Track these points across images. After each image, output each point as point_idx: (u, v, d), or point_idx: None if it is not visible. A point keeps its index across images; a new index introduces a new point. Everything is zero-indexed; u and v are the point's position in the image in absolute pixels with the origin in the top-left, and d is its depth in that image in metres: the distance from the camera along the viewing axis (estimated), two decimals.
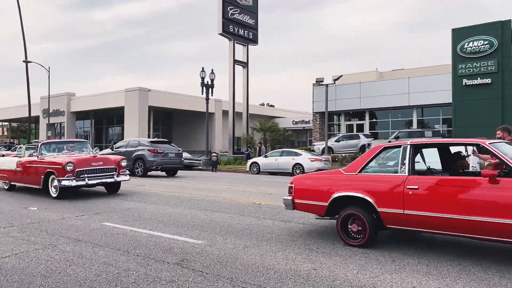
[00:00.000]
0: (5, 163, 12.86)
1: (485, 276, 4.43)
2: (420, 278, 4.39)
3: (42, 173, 10.75)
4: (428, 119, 32.36)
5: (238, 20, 32.60)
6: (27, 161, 11.57)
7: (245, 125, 34.21)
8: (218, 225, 7.16)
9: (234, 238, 6.24)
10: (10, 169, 12.20)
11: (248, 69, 34.06)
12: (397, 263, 4.91)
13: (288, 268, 4.71)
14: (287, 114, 56.40)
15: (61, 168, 10.26)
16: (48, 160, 10.93)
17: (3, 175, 12.65)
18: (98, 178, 10.91)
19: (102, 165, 11.03)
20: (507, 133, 7.40)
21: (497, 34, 26.25)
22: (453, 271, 4.60)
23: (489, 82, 26.45)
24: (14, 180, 12.20)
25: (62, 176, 10.23)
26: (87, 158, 11.04)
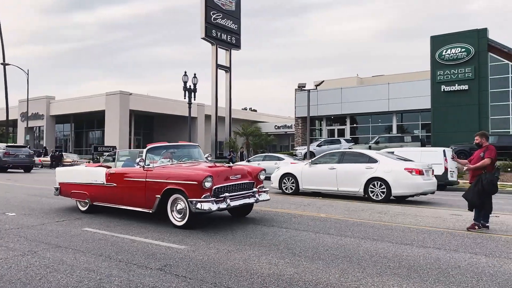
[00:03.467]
0: (84, 174, 9.22)
1: (463, 279, 4.54)
2: (401, 281, 4.47)
3: (158, 191, 7.46)
4: (408, 124, 32.92)
5: (221, 25, 32.65)
6: (126, 173, 8.25)
7: (228, 130, 34.20)
8: (201, 231, 7.15)
9: (217, 243, 6.24)
10: (95, 184, 8.76)
11: (231, 73, 34.11)
12: (379, 267, 4.99)
13: (271, 273, 4.74)
14: (269, 118, 56.59)
15: (196, 184, 6.96)
16: (168, 172, 7.63)
17: (81, 191, 9.06)
18: (239, 197, 7.67)
19: (240, 179, 7.85)
20: (485, 139, 7.59)
21: (474, 42, 26.96)
22: (432, 274, 4.70)
23: (466, 88, 27.12)
24: (101, 199, 8.69)
25: (197, 196, 6.97)
26: (223, 169, 7.72)
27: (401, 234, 7.03)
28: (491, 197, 7.46)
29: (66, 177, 9.67)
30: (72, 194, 9.37)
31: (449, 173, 16.36)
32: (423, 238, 6.67)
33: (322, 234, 6.95)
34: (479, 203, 7.31)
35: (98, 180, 8.66)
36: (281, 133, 48.08)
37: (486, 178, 7.19)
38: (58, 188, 9.77)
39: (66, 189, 9.53)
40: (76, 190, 9.19)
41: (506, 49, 25.96)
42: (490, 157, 7.21)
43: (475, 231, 7.28)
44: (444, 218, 8.75)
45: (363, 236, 6.81)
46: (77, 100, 45.40)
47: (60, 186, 9.73)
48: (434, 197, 13.28)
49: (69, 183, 9.45)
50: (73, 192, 9.31)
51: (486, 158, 7.21)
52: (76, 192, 9.23)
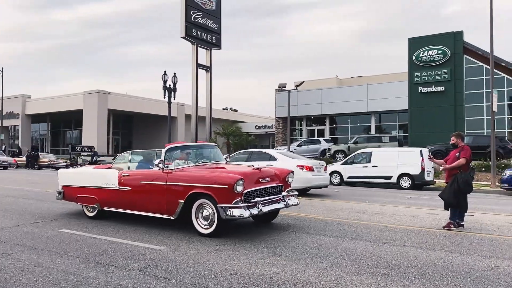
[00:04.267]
0: (93, 177, 8.39)
1: (438, 277, 4.64)
2: (379, 279, 4.53)
3: (181, 196, 6.75)
4: (386, 124, 33.44)
5: (201, 24, 32.48)
6: (143, 176, 7.52)
7: (208, 130, 34.03)
8: (180, 231, 7.10)
9: (197, 243, 6.21)
10: (105, 188, 7.96)
11: (212, 73, 33.96)
12: (357, 265, 5.06)
13: (251, 273, 4.75)
14: (250, 118, 56.62)
15: (227, 188, 6.30)
16: (193, 175, 6.92)
17: (89, 196, 8.23)
18: (270, 202, 7.00)
19: (270, 182, 7.15)
20: (460, 139, 7.76)
21: (450, 44, 27.57)
22: (409, 272, 4.79)
23: (443, 90, 27.70)
24: (112, 204, 7.89)
25: (227, 201, 6.30)
26: (253, 172, 6.97)
27: (379, 233, 7.13)
28: (466, 197, 7.64)
29: (71, 179, 8.84)
30: (78, 199, 8.51)
31: (426, 173, 16.70)
32: (401, 237, 6.79)
33: (302, 233, 7.00)
34: (454, 202, 7.48)
35: (110, 184, 7.86)
36: (261, 133, 48.19)
37: (462, 177, 7.36)
38: (61, 192, 8.88)
39: (71, 193, 8.68)
40: (83, 194, 8.36)
41: (481, 52, 26.62)
42: (465, 157, 7.38)
43: (450, 229, 7.44)
44: (421, 217, 8.92)
45: (342, 235, 6.89)
46: (53, 99, 44.55)
47: (64, 189, 8.85)
48: (412, 197, 13.54)
49: (75, 186, 8.61)
50: (80, 197, 8.45)
51: (462, 158, 7.38)
52: (83, 197, 8.38)
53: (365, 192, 15.03)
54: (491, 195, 15.17)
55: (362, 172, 17.82)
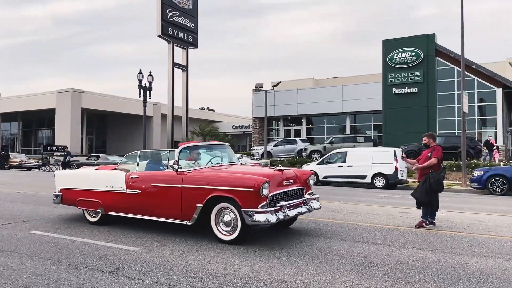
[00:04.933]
0: (96, 180, 7.69)
1: (411, 274, 4.74)
2: (353, 277, 4.60)
3: (199, 200, 6.23)
4: (361, 125, 33.96)
5: (178, 23, 32.24)
6: (154, 178, 6.95)
7: (185, 129, 33.80)
8: (155, 232, 7.02)
9: (172, 244, 6.16)
10: (111, 191, 7.32)
11: (188, 72, 33.75)
12: (331, 264, 5.11)
13: (226, 273, 4.74)
14: (227, 118, 56.54)
15: (252, 192, 5.82)
16: (212, 177, 6.39)
17: (92, 200, 7.59)
18: (295, 206, 6.57)
19: (292, 185, 6.72)
20: (432, 139, 7.94)
21: (423, 47, 28.19)
22: (382, 270, 4.87)
23: (416, 91, 28.30)
24: (119, 208, 7.28)
25: (253, 205, 5.83)
26: (276, 173, 6.51)
27: (353, 231, 7.23)
28: (438, 195, 7.83)
29: (70, 182, 8.14)
30: (79, 203, 7.84)
31: (399, 173, 17.03)
32: (374, 236, 6.90)
33: (277, 233, 7.03)
34: (426, 201, 7.65)
35: (116, 186, 7.25)
36: (239, 133, 48.19)
37: (433, 177, 7.54)
38: (59, 195, 8.21)
39: (71, 197, 8.01)
40: (85, 197, 7.70)
41: (452, 54, 27.32)
42: (437, 157, 7.56)
43: (422, 228, 7.61)
44: (394, 216, 9.09)
45: (317, 234, 6.95)
46: (25, 97, 43.43)
47: (62, 193, 8.18)
48: (385, 196, 13.77)
49: (75, 189, 7.93)
50: (81, 201, 7.80)
51: (433, 158, 7.56)
52: (84, 200, 7.73)
53: (340, 192, 15.21)
54: (462, 194, 15.58)
55: (337, 172, 18.03)
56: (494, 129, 26.86)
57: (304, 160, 24.21)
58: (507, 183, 14.45)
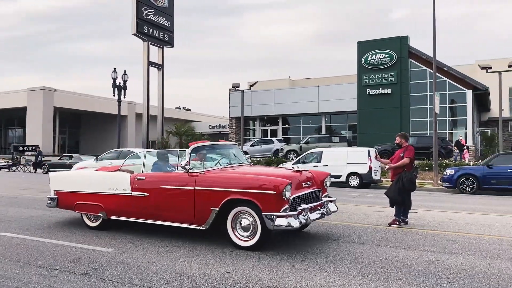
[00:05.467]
0: (97, 181, 7.20)
1: (384, 271, 4.82)
2: (327, 276, 4.64)
3: (214, 203, 5.84)
4: (336, 125, 34.35)
5: (153, 21, 31.87)
6: (164, 180, 6.51)
7: (160, 129, 33.44)
8: (129, 233, 6.92)
9: (147, 244, 6.08)
10: (114, 194, 6.83)
11: (164, 71, 33.40)
12: (307, 263, 5.15)
13: (202, 273, 4.72)
14: (203, 118, 56.23)
15: (274, 194, 5.47)
16: (229, 178, 6.05)
17: (93, 203, 7.07)
18: (316, 210, 6.30)
19: (311, 187, 6.42)
20: (405, 139, 8.10)
21: (396, 49, 28.73)
22: (356, 268, 4.94)
23: (389, 92, 28.82)
24: (123, 212, 6.79)
25: (274, 209, 5.47)
26: (294, 174, 6.22)
27: (328, 230, 7.31)
28: (410, 194, 7.99)
29: (68, 184, 7.59)
30: (78, 207, 7.29)
31: (373, 172, 17.31)
32: (349, 234, 6.99)
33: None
34: (399, 200, 7.80)
35: (120, 189, 6.75)
36: (215, 132, 47.99)
37: (406, 176, 7.69)
38: (55, 198, 7.61)
39: (68, 200, 7.44)
40: (84, 201, 7.16)
41: (425, 56, 27.94)
42: (409, 156, 7.71)
43: (395, 226, 7.75)
44: (368, 215, 9.23)
45: (292, 233, 6.98)
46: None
47: (58, 196, 7.59)
48: (360, 195, 13.97)
49: (73, 192, 7.37)
50: (80, 204, 7.24)
51: (406, 157, 7.71)
52: (83, 204, 7.18)
53: None
54: (434, 193, 15.95)
55: None
56: (465, 129, 27.60)
57: (280, 160, 24.31)
58: (477, 182, 14.88)
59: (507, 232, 7.31)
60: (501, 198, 13.54)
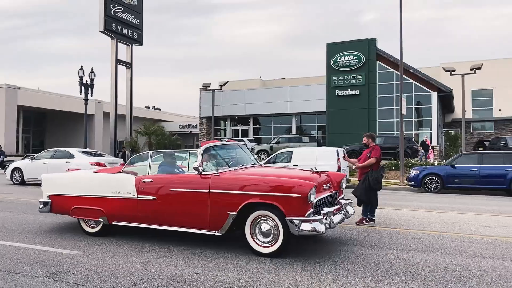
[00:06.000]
0: (97, 184, 6.70)
1: (351, 270, 4.90)
2: (296, 275, 4.68)
3: (231, 207, 5.49)
4: (306, 125, 34.68)
5: (122, 19, 31.30)
6: (174, 182, 6.08)
7: (129, 128, 32.88)
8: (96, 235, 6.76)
9: (113, 246, 5.96)
10: (117, 198, 6.37)
11: (132, 70, 32.85)
12: (275, 262, 5.17)
13: (170, 274, 4.66)
14: (174, 118, 55.63)
15: (299, 198, 5.18)
16: (248, 180, 5.69)
17: (92, 208, 6.58)
18: (337, 212, 6.05)
19: (330, 189, 6.21)
20: (371, 140, 8.26)
21: (365, 51, 29.29)
22: (324, 267, 5.00)
23: (358, 93, 29.36)
24: (127, 217, 6.33)
25: (299, 213, 5.18)
26: (315, 176, 5.93)
27: None
28: (377, 193, 8.16)
29: (63, 187, 7.01)
30: (75, 212, 6.75)
31: (342, 171, 17.57)
32: None
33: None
34: (366, 199, 7.95)
35: (124, 192, 6.31)
36: (185, 132, 47.60)
37: (372, 175, 7.85)
38: (48, 202, 7.02)
39: (63, 204, 6.89)
40: (83, 205, 6.65)
41: (392, 59, 28.59)
42: (375, 156, 7.88)
43: (363, 225, 7.90)
44: None
45: None
46: None
47: (52, 200, 7.01)
48: None
49: (69, 196, 6.82)
50: (77, 209, 6.71)
51: (372, 157, 7.87)
52: (82, 209, 6.67)
53: None
54: (400, 192, 16.34)
55: None
56: (430, 130, 28.43)
57: None
58: (441, 182, 15.34)
59: (469, 229, 7.58)
60: (464, 196, 14.02)
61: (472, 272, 4.82)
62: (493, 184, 14.75)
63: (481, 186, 14.98)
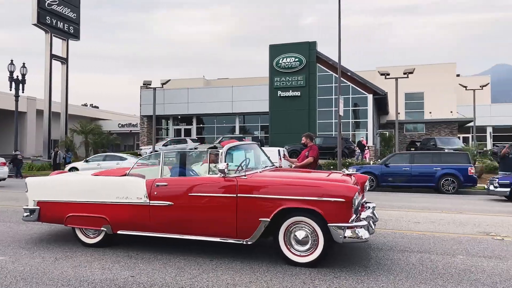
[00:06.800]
0: (102, 188, 5.93)
1: (288, 268, 4.99)
2: (234, 274, 4.70)
3: (264, 213, 5.04)
4: (249, 125, 34.93)
5: (57, 12, 29.79)
6: (195, 185, 5.47)
7: (64, 127, 31.36)
8: (23, 238, 6.38)
9: (43, 251, 5.66)
10: (125, 204, 5.70)
11: (68, 65, 31.37)
12: (214, 262, 5.17)
13: (104, 278, 4.51)
14: (113, 116, 53.79)
15: (344, 202, 4.80)
16: (284, 183, 5.26)
17: (93, 215, 5.85)
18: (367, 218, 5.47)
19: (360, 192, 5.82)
20: (310, 140, 8.48)
21: (305, 53, 30.03)
22: (262, 266, 5.05)
23: (299, 95, 30.04)
24: (137, 225, 5.67)
25: (343, 219, 4.81)
26: (347, 178, 5.63)
27: None
28: None
29: (55, 192, 6.17)
30: (70, 220, 5.98)
31: None
32: None
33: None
34: None
35: (133, 198, 5.65)
36: (125, 131, 46.24)
37: None
38: (36, 210, 6.19)
39: (56, 212, 6.10)
40: (81, 213, 5.92)
41: (331, 62, 29.53)
42: (313, 156, 8.10)
43: None
44: None
45: None
46: None
47: (41, 207, 6.19)
48: None
49: (63, 202, 6.05)
50: (73, 217, 5.96)
51: (310, 156, 8.09)
52: (79, 217, 5.93)
53: None
54: None
55: None
56: (366, 131, 29.69)
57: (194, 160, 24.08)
58: (376, 180, 16.08)
59: (400, 225, 8.00)
60: (397, 194, 14.77)
61: (402, 266, 5.09)
62: (423, 182, 15.69)
63: (413, 184, 15.90)
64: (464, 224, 8.06)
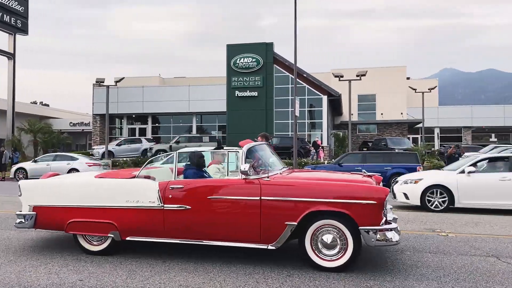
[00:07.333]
0: (109, 191, 5.51)
1: (242, 267, 5.03)
2: (187, 276, 4.67)
3: (290, 216, 4.84)
4: (207, 125, 34.73)
5: (3, 4, 28.34)
6: (215, 188, 5.19)
7: (11, 125, 29.89)
8: None
9: None
10: (136, 208, 5.30)
11: (15, 61, 29.92)
12: (167, 264, 5.11)
13: (50, 283, 4.35)
14: (64, 115, 51.75)
15: (375, 205, 4.67)
16: (311, 184, 5.10)
17: (99, 221, 5.42)
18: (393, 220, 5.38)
19: None
20: (265, 139, 8.53)
21: (262, 54, 30.24)
22: (216, 266, 5.06)
23: (256, 95, 30.21)
24: (149, 231, 5.31)
25: (374, 222, 4.67)
26: (369, 179, 5.49)
27: None
28: None
29: (54, 196, 5.68)
30: (72, 226, 5.52)
31: None
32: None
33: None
34: None
35: (145, 201, 5.27)
36: (77, 130, 44.63)
37: None
38: (32, 216, 5.68)
39: (55, 218, 5.62)
40: (84, 218, 5.47)
41: (287, 63, 29.89)
42: None
43: None
44: None
45: None
46: None
47: (38, 212, 5.70)
48: None
49: (64, 207, 5.58)
50: (75, 223, 5.50)
51: None
52: (83, 223, 5.48)
53: None
54: None
55: None
56: (321, 131, 30.29)
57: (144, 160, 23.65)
58: None
59: None
60: None
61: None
62: None
63: None
64: (412, 221, 8.42)
